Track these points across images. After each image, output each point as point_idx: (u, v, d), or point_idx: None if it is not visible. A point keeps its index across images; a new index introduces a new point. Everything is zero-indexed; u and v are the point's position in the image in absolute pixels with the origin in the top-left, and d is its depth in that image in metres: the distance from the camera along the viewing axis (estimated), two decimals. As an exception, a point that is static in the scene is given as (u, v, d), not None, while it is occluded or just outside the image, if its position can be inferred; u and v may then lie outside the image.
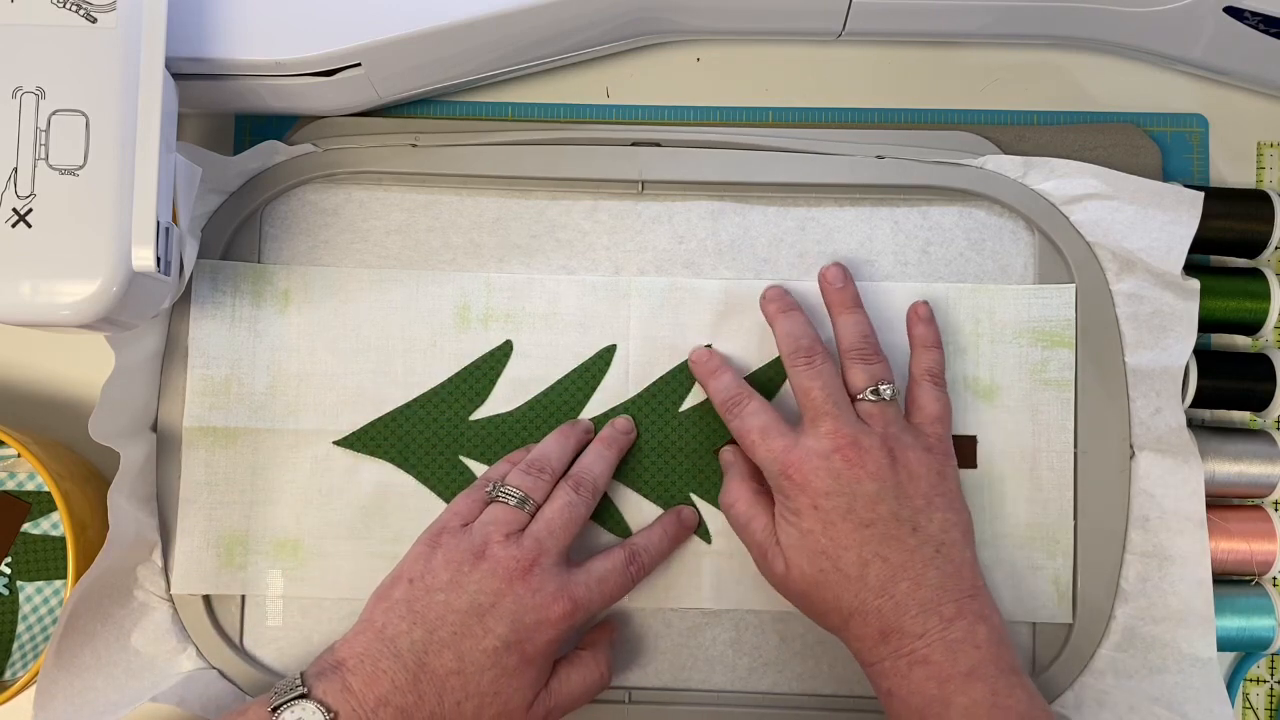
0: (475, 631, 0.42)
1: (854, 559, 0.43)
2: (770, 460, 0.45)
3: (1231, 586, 0.49)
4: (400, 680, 0.41)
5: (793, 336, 0.47)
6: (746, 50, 0.54)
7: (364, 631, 0.42)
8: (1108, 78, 0.53)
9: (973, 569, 0.44)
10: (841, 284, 0.48)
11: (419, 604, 0.42)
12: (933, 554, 0.43)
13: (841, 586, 0.43)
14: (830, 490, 0.43)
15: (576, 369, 0.50)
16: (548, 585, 0.43)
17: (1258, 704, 0.51)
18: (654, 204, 0.51)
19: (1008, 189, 0.50)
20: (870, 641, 0.42)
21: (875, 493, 0.43)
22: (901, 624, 0.42)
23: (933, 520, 0.43)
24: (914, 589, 0.42)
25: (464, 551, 0.43)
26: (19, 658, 0.50)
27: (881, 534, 0.43)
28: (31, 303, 0.40)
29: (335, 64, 0.47)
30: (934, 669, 0.41)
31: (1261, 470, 0.49)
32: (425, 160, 0.50)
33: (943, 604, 0.42)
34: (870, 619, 0.42)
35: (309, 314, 0.50)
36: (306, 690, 0.40)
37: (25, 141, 0.41)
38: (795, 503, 0.44)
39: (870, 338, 0.47)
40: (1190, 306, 0.48)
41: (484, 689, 0.42)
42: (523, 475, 0.46)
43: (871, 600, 0.42)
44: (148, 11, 0.42)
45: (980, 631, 0.42)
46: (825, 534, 0.43)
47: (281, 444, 0.50)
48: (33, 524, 0.51)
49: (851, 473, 0.43)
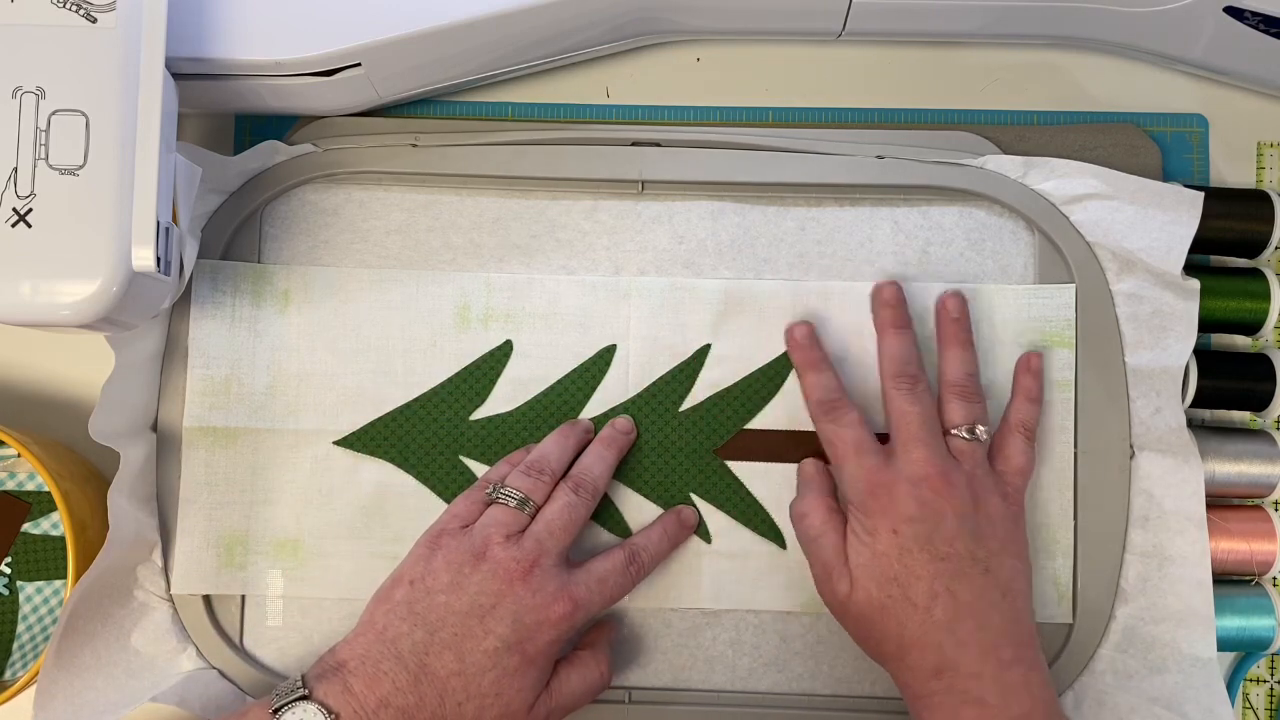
0: (476, 632, 0.42)
1: (924, 590, 0.42)
2: (859, 477, 0.45)
3: (1231, 586, 0.49)
4: (401, 681, 0.41)
5: (900, 359, 0.47)
6: (746, 50, 0.54)
7: (365, 633, 0.42)
8: (1108, 78, 0.53)
9: (1031, 619, 0.44)
10: (958, 315, 0.48)
11: (419, 605, 0.42)
12: (999, 598, 0.43)
13: (907, 615, 0.43)
14: (913, 517, 0.43)
15: (576, 369, 0.50)
16: (548, 586, 0.43)
17: (1258, 704, 0.51)
18: (654, 204, 0.51)
19: (1008, 189, 0.50)
20: (924, 675, 0.42)
21: (955, 528, 0.43)
22: (959, 662, 0.41)
23: (1004, 566, 0.43)
24: (977, 630, 0.42)
25: (464, 553, 0.43)
26: (19, 658, 0.50)
27: (955, 570, 0.43)
28: (31, 303, 0.40)
29: (335, 64, 0.47)
30: (986, 711, 0.41)
31: (1261, 470, 0.49)
32: (425, 160, 0.50)
33: (1002, 648, 0.42)
34: (929, 653, 0.42)
35: (309, 314, 0.50)
36: (307, 692, 0.40)
37: (25, 141, 0.41)
38: (874, 523, 0.44)
39: (975, 377, 0.47)
40: (1190, 306, 0.48)
41: (485, 690, 0.41)
42: (522, 477, 0.46)
43: (934, 635, 0.42)
44: (148, 11, 0.42)
45: (1035, 680, 0.42)
46: (900, 560, 0.43)
47: (281, 444, 0.50)
48: (33, 524, 0.51)
49: (937, 504, 0.43)
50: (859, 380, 0.49)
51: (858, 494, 0.45)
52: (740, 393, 0.50)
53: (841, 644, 0.49)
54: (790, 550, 0.49)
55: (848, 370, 0.49)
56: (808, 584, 0.48)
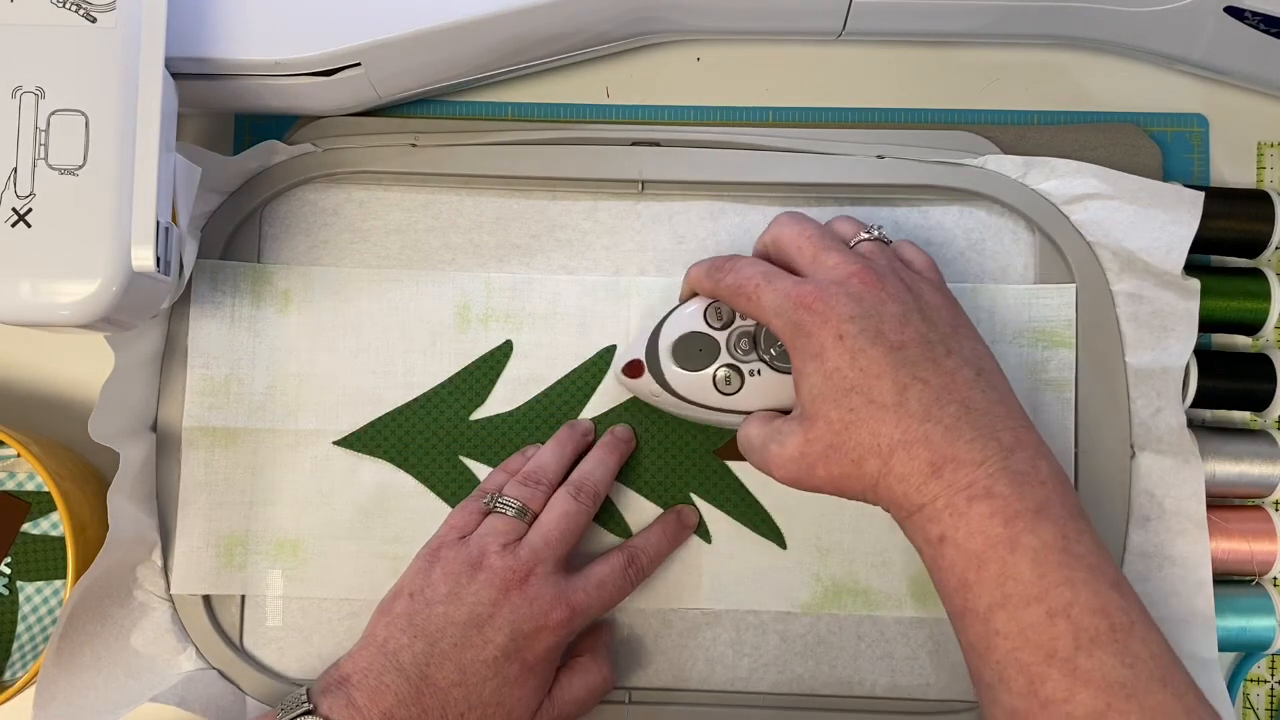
0: (475, 642, 0.42)
1: (890, 386, 0.38)
2: (780, 300, 0.41)
3: (1231, 586, 0.49)
4: (404, 694, 0.41)
5: (731, 259, 0.44)
6: (746, 50, 0.54)
7: (367, 646, 0.42)
8: (1108, 78, 0.53)
9: (1017, 401, 0.40)
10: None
11: (419, 617, 0.42)
12: (974, 376, 0.39)
13: (879, 420, 0.38)
14: (854, 314, 0.39)
15: (576, 369, 0.50)
16: (545, 593, 0.43)
17: (1258, 704, 0.51)
18: (654, 204, 0.51)
19: (1008, 189, 0.50)
20: (918, 479, 0.37)
21: (901, 314, 0.39)
22: (955, 451, 0.37)
23: (963, 345, 0.40)
24: (963, 412, 0.38)
25: (461, 563, 0.43)
26: (19, 658, 0.50)
27: (916, 356, 0.39)
28: (31, 303, 0.40)
29: (335, 64, 0.47)
30: (999, 504, 0.36)
31: (1261, 470, 0.49)
32: (425, 160, 0.50)
33: (999, 430, 0.38)
34: (917, 449, 0.37)
35: (309, 314, 0.50)
36: (312, 706, 0.40)
37: (25, 141, 0.41)
38: (816, 341, 0.39)
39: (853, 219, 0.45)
40: (1190, 306, 0.48)
41: (486, 699, 0.41)
42: (519, 486, 0.46)
43: (916, 427, 0.38)
44: (148, 11, 0.42)
45: (1043, 466, 0.37)
46: (853, 366, 0.39)
47: (281, 444, 0.50)
48: (32, 524, 0.51)
49: (872, 294, 0.40)
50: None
51: (786, 318, 0.40)
52: (740, 393, 0.50)
53: (841, 644, 0.49)
54: (790, 550, 0.49)
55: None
56: (808, 584, 0.49)
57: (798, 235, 0.43)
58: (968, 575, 0.37)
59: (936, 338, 0.40)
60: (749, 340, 0.45)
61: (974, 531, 0.36)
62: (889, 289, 0.40)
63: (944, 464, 0.37)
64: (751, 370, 0.45)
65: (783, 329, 0.41)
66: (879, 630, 0.49)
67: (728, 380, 0.45)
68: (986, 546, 0.36)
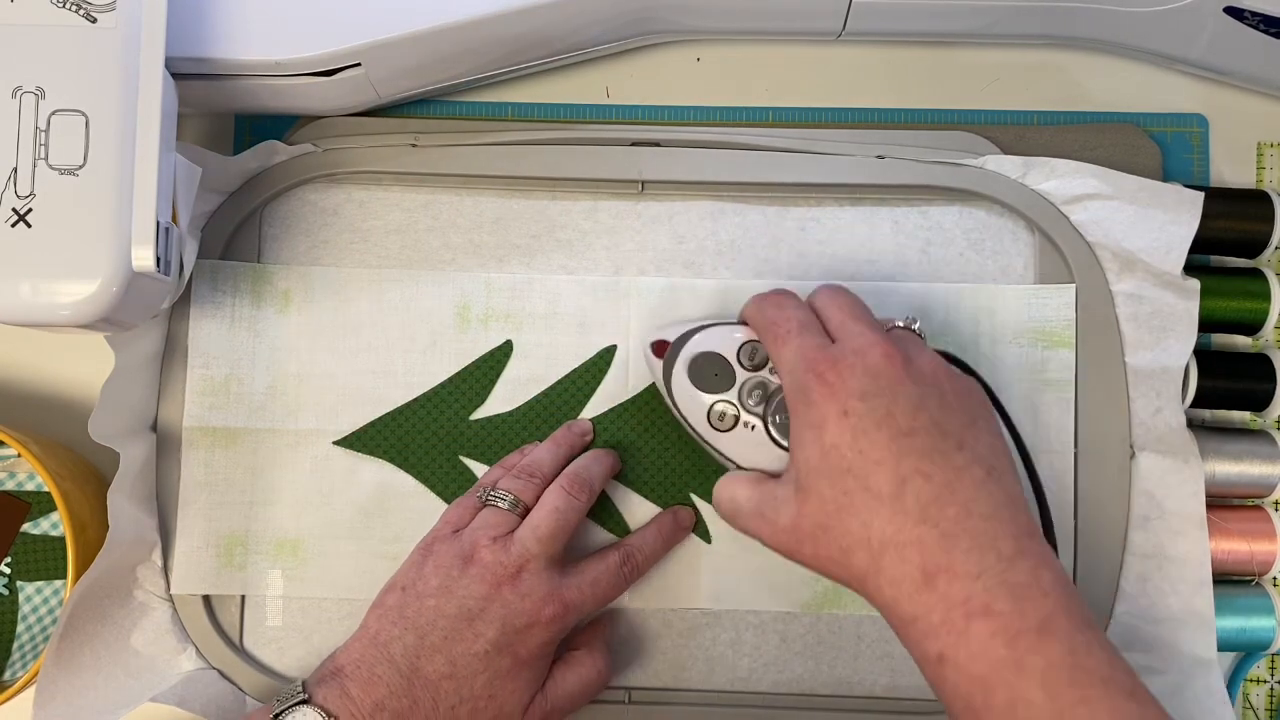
0: (465, 636, 0.42)
1: (888, 475, 0.36)
2: (796, 358, 0.39)
3: (1231, 586, 0.49)
4: (395, 685, 0.41)
5: (789, 297, 0.43)
6: (746, 50, 0.54)
7: (360, 638, 0.43)
8: (1108, 78, 0.53)
9: (1025, 505, 0.37)
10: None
11: (410, 610, 0.42)
12: (984, 476, 0.36)
13: (871, 511, 0.36)
14: (866, 391, 0.37)
15: (576, 369, 0.50)
16: (537, 589, 0.43)
17: (1258, 704, 0.51)
18: (654, 204, 0.51)
19: (1008, 189, 0.50)
20: (911, 586, 0.35)
21: (918, 398, 0.37)
22: (951, 561, 0.34)
23: (979, 440, 0.37)
24: (963, 517, 0.35)
25: (453, 557, 0.43)
26: (19, 658, 0.50)
27: (924, 446, 0.36)
28: (31, 303, 0.40)
29: (335, 64, 0.47)
30: (999, 622, 0.33)
31: (1261, 470, 0.49)
32: (425, 160, 0.50)
33: (999, 539, 0.35)
34: (909, 552, 0.35)
35: (309, 314, 0.50)
36: (307, 696, 0.40)
37: (25, 141, 0.41)
38: (819, 411, 0.38)
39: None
40: (1190, 306, 0.48)
41: (477, 693, 0.41)
42: (513, 479, 0.46)
43: (910, 528, 0.35)
44: (148, 11, 0.42)
45: (1046, 576, 0.35)
46: (853, 447, 0.37)
47: (281, 444, 0.50)
48: (32, 524, 0.51)
49: (892, 371, 0.37)
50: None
51: (795, 379, 0.39)
52: (740, 393, 0.50)
53: (841, 644, 0.49)
54: (790, 550, 0.49)
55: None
56: (808, 584, 0.48)
57: (829, 303, 0.42)
58: (974, 700, 0.34)
59: (951, 428, 0.37)
60: (762, 394, 0.44)
61: (975, 654, 0.34)
62: (909, 370, 0.38)
63: (938, 573, 0.35)
64: (748, 422, 0.44)
65: (789, 388, 0.40)
66: (879, 630, 0.49)
67: (722, 417, 0.44)
68: (990, 670, 0.33)
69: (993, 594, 0.34)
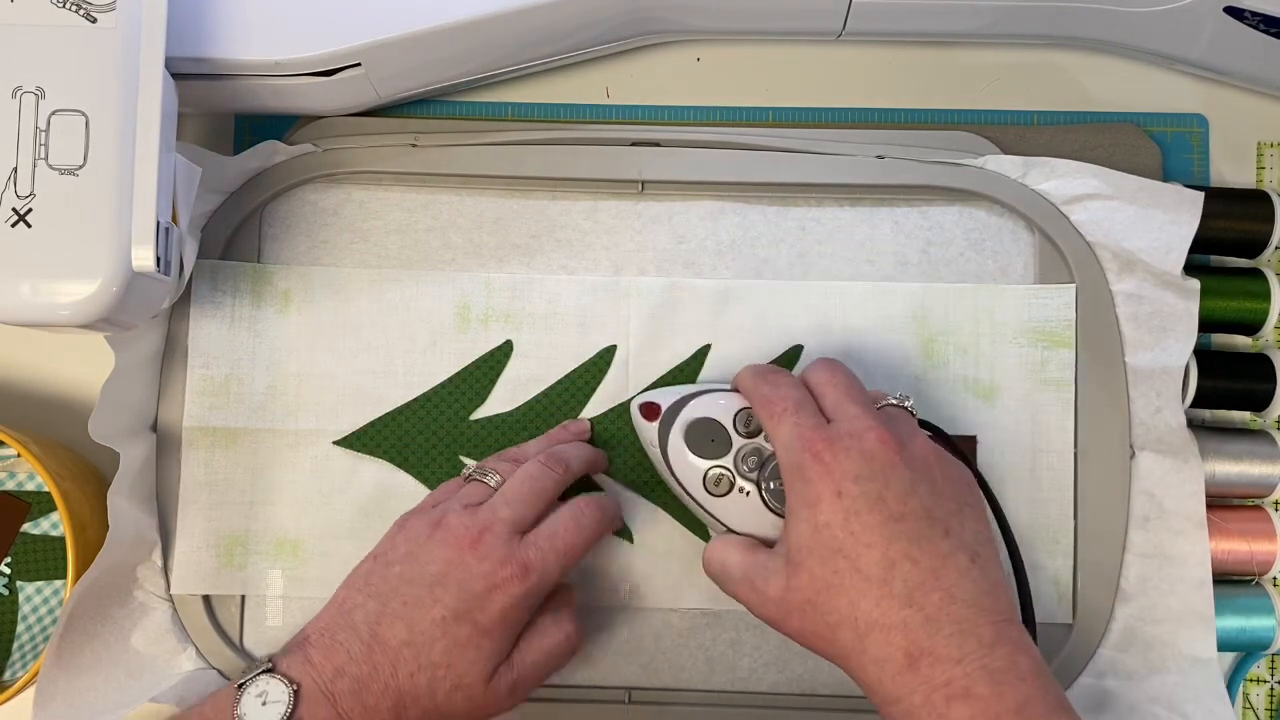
0: (425, 601, 0.41)
1: (878, 558, 0.37)
2: (793, 437, 0.40)
3: (1231, 586, 0.49)
4: (356, 651, 0.40)
5: (783, 375, 0.44)
6: (746, 50, 0.54)
7: (329, 608, 0.42)
8: (1108, 78, 0.53)
9: (1007, 591, 0.39)
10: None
11: (375, 577, 0.42)
12: (968, 564, 0.38)
13: (859, 592, 0.37)
14: (860, 474, 0.38)
15: (576, 369, 0.50)
16: (496, 552, 0.42)
17: (1258, 704, 0.51)
18: (654, 204, 0.51)
19: (1008, 189, 0.50)
20: (894, 667, 0.36)
21: (909, 483, 0.38)
22: (934, 645, 0.36)
23: (965, 528, 0.39)
24: (947, 602, 0.37)
25: (424, 525, 0.43)
26: (19, 658, 0.50)
27: (913, 532, 0.38)
28: (31, 303, 0.40)
29: (335, 64, 0.47)
30: (979, 705, 0.35)
31: (1261, 470, 0.49)
32: (425, 160, 0.50)
33: (980, 625, 0.36)
34: (894, 635, 0.37)
35: (309, 314, 0.50)
36: (272, 666, 0.40)
37: (25, 141, 0.41)
38: (813, 491, 0.39)
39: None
40: (1190, 306, 0.48)
41: (436, 660, 0.41)
42: (499, 460, 0.46)
43: (896, 611, 0.37)
44: (148, 11, 0.42)
45: (1023, 662, 0.36)
46: (845, 528, 0.38)
47: (281, 444, 0.50)
48: (33, 524, 0.51)
49: (886, 455, 0.39)
50: (859, 380, 0.49)
51: (792, 457, 0.40)
52: (740, 393, 0.50)
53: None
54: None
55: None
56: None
57: (825, 380, 0.43)
58: None
59: (940, 514, 0.39)
60: (757, 460, 0.44)
61: None
62: (903, 454, 0.39)
63: (921, 657, 0.36)
64: (743, 488, 0.44)
65: (785, 465, 0.41)
66: None
67: (717, 482, 0.44)
68: None
69: (973, 678, 0.35)
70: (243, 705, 0.39)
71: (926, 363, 0.49)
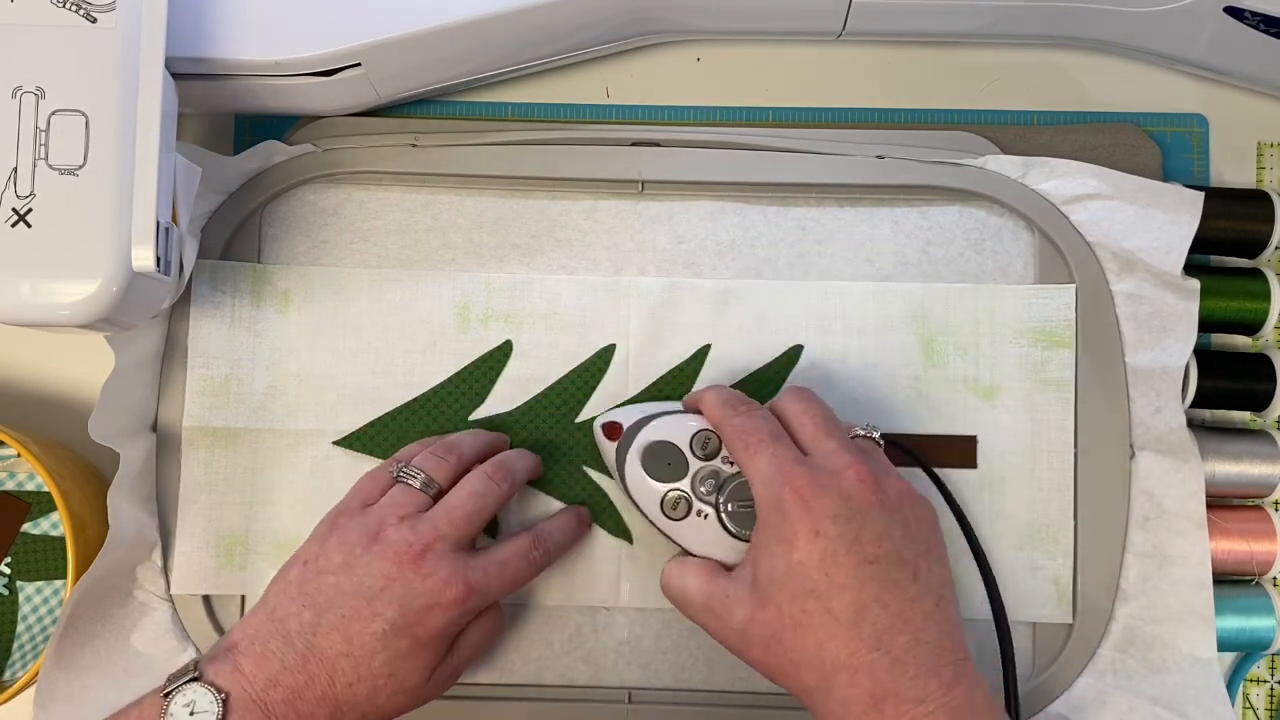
0: (364, 614, 0.41)
1: (850, 602, 0.38)
2: (773, 472, 0.40)
3: (1231, 586, 0.49)
4: (290, 661, 0.40)
5: (753, 405, 0.44)
6: (746, 50, 0.54)
7: (257, 613, 0.42)
8: (1108, 78, 0.53)
9: (962, 631, 0.40)
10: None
11: (309, 585, 0.42)
12: (933, 607, 0.39)
13: (828, 633, 0.38)
14: (839, 514, 0.39)
15: (576, 369, 0.50)
16: (440, 570, 0.41)
17: (1258, 704, 0.51)
18: (654, 204, 0.51)
19: (1008, 189, 0.50)
20: (859, 708, 0.37)
21: (884, 526, 0.39)
22: (899, 687, 0.37)
23: (931, 571, 0.40)
24: (913, 645, 0.38)
25: (358, 533, 0.42)
26: (19, 658, 0.50)
27: (884, 576, 0.38)
28: (31, 303, 0.40)
29: (335, 64, 0.47)
30: None
31: (1261, 470, 0.49)
32: (425, 160, 0.50)
33: (942, 665, 0.38)
34: (860, 677, 0.37)
35: (309, 314, 0.50)
36: (199, 674, 0.39)
37: (25, 141, 0.41)
38: (791, 528, 0.39)
39: None
40: (1190, 306, 0.48)
41: (376, 671, 0.41)
42: (430, 457, 0.45)
43: (864, 654, 0.37)
44: (148, 11, 0.42)
45: (978, 698, 0.38)
46: (820, 568, 0.38)
47: (281, 444, 0.50)
48: (32, 524, 0.51)
49: (864, 497, 0.39)
50: (859, 382, 0.49)
51: (771, 492, 0.40)
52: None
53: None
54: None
55: (848, 371, 0.49)
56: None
57: (802, 411, 0.43)
58: None
59: (910, 557, 0.39)
60: (714, 483, 0.44)
61: None
62: (880, 495, 0.40)
63: (886, 698, 0.37)
64: (701, 511, 0.44)
65: (763, 499, 0.40)
66: None
67: (675, 505, 0.44)
68: None
69: (934, 717, 0.37)
70: (170, 714, 0.38)
71: (926, 363, 0.49)
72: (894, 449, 0.46)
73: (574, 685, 0.49)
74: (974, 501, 0.49)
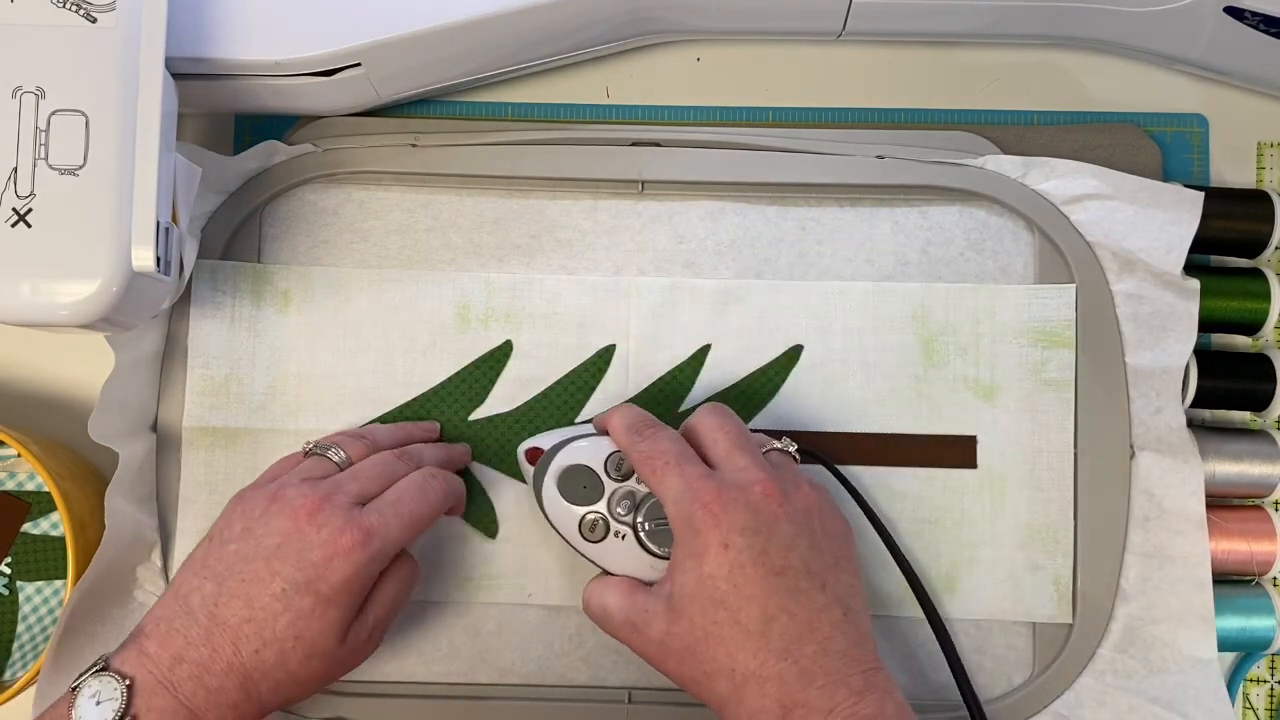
0: (262, 576, 0.40)
1: (757, 612, 0.38)
2: (682, 489, 0.41)
3: (1231, 586, 0.49)
4: (193, 636, 0.39)
5: (659, 428, 0.44)
6: (746, 50, 0.54)
7: (165, 597, 0.41)
8: (1108, 78, 0.53)
9: (873, 641, 0.40)
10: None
11: (212, 558, 0.41)
12: (840, 616, 0.39)
13: (738, 644, 0.38)
14: (746, 526, 0.39)
15: (576, 369, 0.50)
16: (335, 520, 0.40)
17: (1258, 704, 0.51)
18: (654, 204, 0.51)
19: (1008, 189, 0.50)
20: (770, 717, 0.38)
21: (791, 537, 0.40)
22: (807, 697, 0.37)
23: (840, 581, 0.40)
24: (820, 655, 0.38)
25: (260, 500, 0.42)
26: (19, 658, 0.50)
27: (791, 586, 0.39)
28: (31, 303, 0.40)
29: (335, 64, 0.47)
30: None
31: (1261, 470, 0.49)
32: (425, 160, 0.50)
33: (850, 675, 0.38)
34: (769, 687, 0.38)
35: (309, 314, 0.50)
36: (105, 665, 0.39)
37: (25, 141, 0.41)
38: (701, 541, 0.40)
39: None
40: (1190, 306, 0.48)
41: (281, 634, 0.40)
42: (344, 436, 0.46)
43: (773, 664, 0.38)
44: (148, 11, 0.42)
45: (889, 708, 0.38)
46: (729, 580, 0.39)
47: (281, 444, 0.50)
48: (32, 524, 0.51)
49: (770, 509, 0.40)
50: (859, 383, 0.49)
51: (681, 509, 0.40)
52: (740, 393, 0.50)
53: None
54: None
55: (848, 371, 0.49)
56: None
57: (715, 428, 0.43)
58: None
59: (817, 568, 0.40)
60: (630, 503, 0.44)
61: None
62: (786, 508, 0.40)
63: (794, 708, 0.37)
64: (619, 531, 0.44)
65: (675, 517, 0.41)
66: (877, 630, 0.49)
67: (593, 528, 0.44)
68: None
69: None
70: (78, 708, 0.38)
71: (926, 363, 0.50)
72: (803, 454, 0.46)
73: (574, 685, 0.49)
74: (974, 501, 0.49)
